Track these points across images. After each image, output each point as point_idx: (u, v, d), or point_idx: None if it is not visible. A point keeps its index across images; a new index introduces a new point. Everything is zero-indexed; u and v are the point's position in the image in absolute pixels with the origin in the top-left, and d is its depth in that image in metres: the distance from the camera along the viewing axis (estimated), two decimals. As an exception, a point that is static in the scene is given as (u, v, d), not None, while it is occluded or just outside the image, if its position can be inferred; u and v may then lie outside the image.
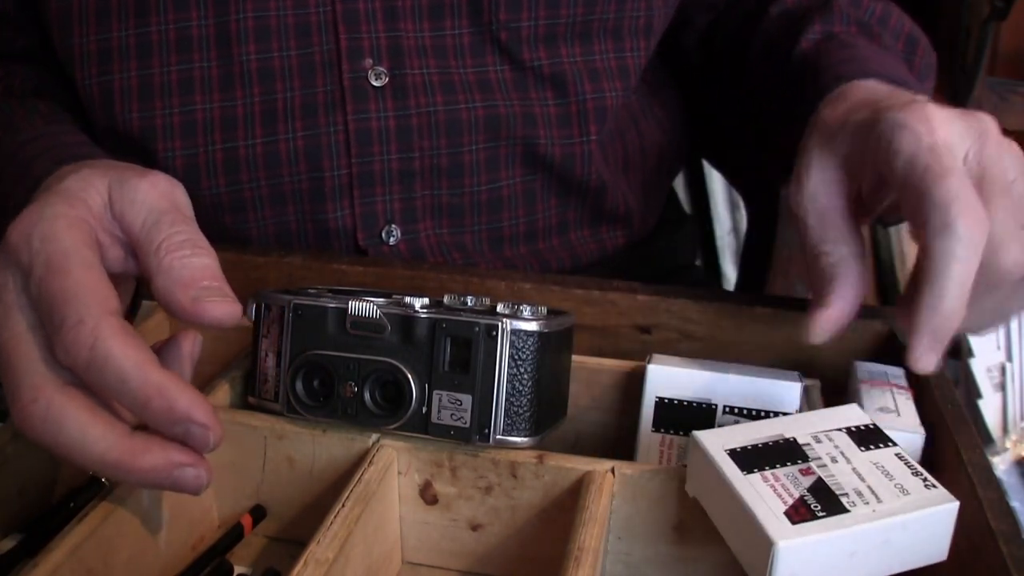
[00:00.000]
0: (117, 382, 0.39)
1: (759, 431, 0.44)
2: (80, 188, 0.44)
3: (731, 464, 0.42)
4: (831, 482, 0.41)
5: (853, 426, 0.45)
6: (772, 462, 0.42)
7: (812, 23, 0.66)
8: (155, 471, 0.40)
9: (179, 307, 0.41)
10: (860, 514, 0.40)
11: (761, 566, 0.39)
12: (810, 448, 0.43)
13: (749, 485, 0.41)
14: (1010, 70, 2.09)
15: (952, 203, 0.42)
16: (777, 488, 0.41)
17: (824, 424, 0.45)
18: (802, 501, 0.40)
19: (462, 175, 0.67)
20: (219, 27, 0.63)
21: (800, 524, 0.39)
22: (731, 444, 0.43)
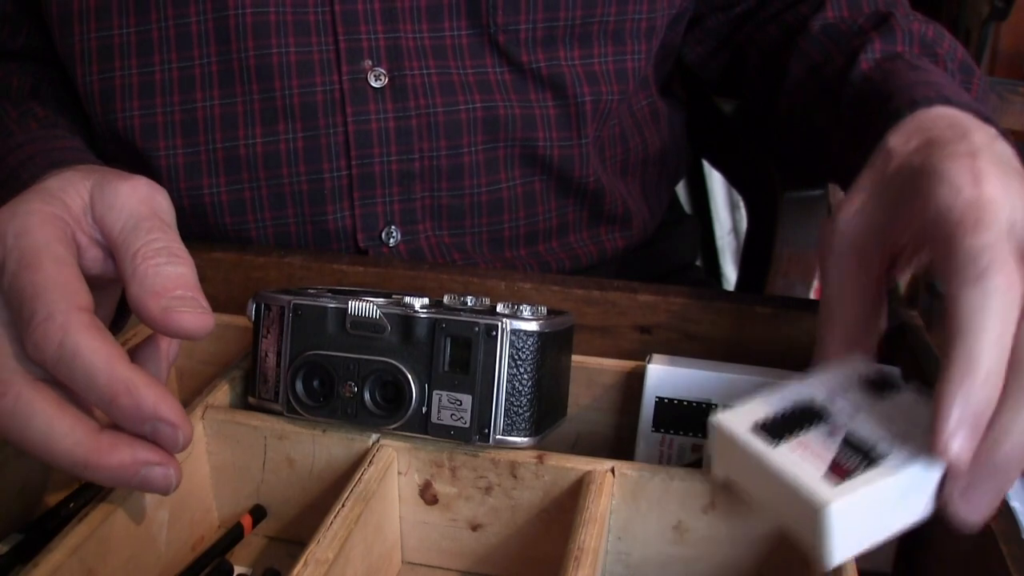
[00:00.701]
0: (85, 377, 0.39)
1: (776, 403, 0.43)
2: (59, 188, 0.44)
3: (758, 441, 0.41)
4: (859, 436, 0.40)
5: (863, 375, 0.44)
6: (799, 427, 0.41)
7: (871, 41, 0.62)
8: (123, 469, 0.40)
9: (149, 315, 0.40)
10: (897, 459, 0.39)
11: (815, 534, 0.38)
12: (829, 406, 0.42)
13: (783, 456, 0.40)
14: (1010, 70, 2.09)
15: (984, 253, 0.37)
16: (810, 453, 0.40)
17: (833, 381, 0.44)
18: (836, 462, 0.39)
19: (462, 176, 0.67)
20: (218, 23, 0.63)
21: (843, 483, 0.38)
22: (754, 419, 0.42)
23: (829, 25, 0.68)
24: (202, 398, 0.51)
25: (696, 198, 1.41)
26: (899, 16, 0.65)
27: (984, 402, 0.37)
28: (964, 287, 0.37)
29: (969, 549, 0.44)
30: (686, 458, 0.51)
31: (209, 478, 0.51)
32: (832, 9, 0.69)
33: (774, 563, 0.47)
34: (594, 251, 0.73)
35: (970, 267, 0.37)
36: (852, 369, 0.45)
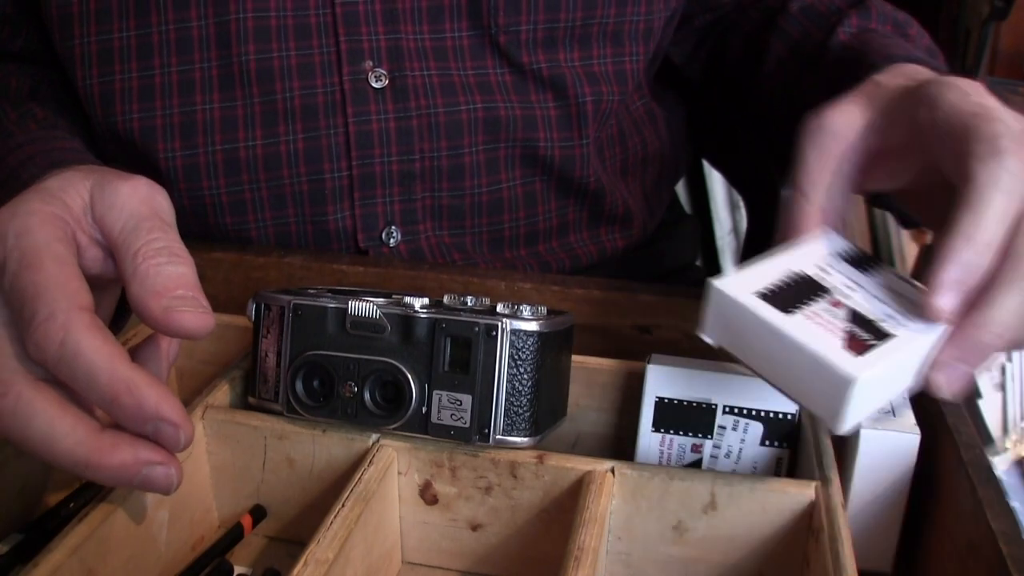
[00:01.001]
0: (86, 377, 0.39)
1: (770, 273, 0.43)
2: (60, 188, 0.44)
3: (769, 308, 0.41)
4: (863, 311, 0.42)
5: (841, 251, 0.45)
6: (802, 300, 0.42)
7: (848, 17, 0.67)
8: (124, 468, 0.40)
9: (150, 315, 0.41)
10: (904, 336, 0.41)
11: (833, 402, 0.39)
12: (824, 280, 0.43)
13: (799, 326, 0.40)
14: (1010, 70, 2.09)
15: (1002, 136, 0.40)
16: (824, 325, 0.41)
17: (816, 255, 0.45)
18: (850, 335, 0.40)
19: (462, 177, 0.67)
20: (219, 27, 0.63)
21: (864, 355, 0.40)
22: (756, 288, 0.42)
23: (808, 6, 0.71)
24: (202, 398, 0.51)
25: (696, 198, 1.41)
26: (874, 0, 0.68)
27: (978, 269, 0.40)
28: (980, 162, 0.40)
29: (969, 549, 0.44)
30: (686, 458, 0.51)
31: (209, 478, 0.51)
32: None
33: (774, 563, 0.47)
34: (594, 251, 0.73)
35: (987, 145, 0.40)
36: (827, 244, 0.46)
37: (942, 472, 0.48)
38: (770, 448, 0.51)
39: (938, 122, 0.43)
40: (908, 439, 0.48)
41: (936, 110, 0.43)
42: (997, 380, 1.02)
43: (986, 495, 0.43)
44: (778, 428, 0.50)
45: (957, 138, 0.42)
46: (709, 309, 0.43)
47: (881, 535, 0.50)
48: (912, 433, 0.48)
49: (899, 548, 0.50)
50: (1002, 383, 1.02)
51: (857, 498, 0.49)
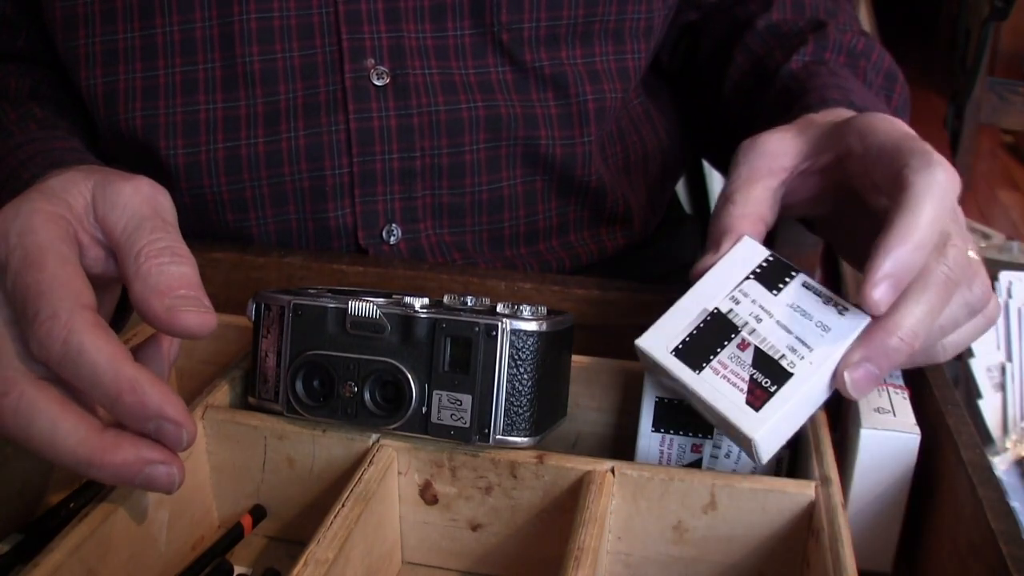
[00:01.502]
0: (90, 376, 0.39)
1: (686, 315, 0.48)
2: (62, 187, 0.44)
3: (681, 366, 0.47)
4: (767, 347, 0.46)
5: (756, 267, 0.49)
6: (713, 348, 0.47)
7: (806, 43, 0.69)
8: (127, 467, 0.40)
9: (153, 315, 0.41)
10: (803, 372, 0.45)
11: (745, 447, 0.46)
12: (734, 315, 0.47)
13: (706, 383, 0.46)
14: (1010, 70, 2.09)
15: (932, 153, 0.45)
16: (729, 376, 0.46)
17: (733, 278, 0.49)
18: (754, 382, 0.45)
19: (463, 175, 0.67)
20: (223, 28, 0.63)
21: (763, 408, 0.45)
22: (673, 342, 0.48)
23: (773, 25, 0.73)
24: (202, 398, 0.51)
25: (696, 198, 1.41)
26: (834, 26, 0.71)
27: (909, 266, 0.44)
28: (916, 173, 0.44)
29: (969, 549, 0.44)
30: (686, 458, 0.51)
31: (209, 478, 0.51)
32: (778, 11, 0.73)
33: (774, 563, 0.47)
34: (594, 250, 0.73)
35: (921, 159, 0.45)
36: (741, 262, 0.49)
37: (942, 472, 0.48)
38: (770, 448, 0.51)
39: (872, 145, 0.48)
40: (908, 439, 0.48)
41: (870, 136, 0.48)
42: (997, 380, 1.02)
43: (986, 495, 0.43)
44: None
45: (892, 156, 0.46)
46: (644, 362, 0.49)
47: (881, 535, 0.50)
48: (912, 433, 0.48)
49: (899, 548, 0.50)
50: (1002, 383, 1.02)
51: (857, 498, 0.49)
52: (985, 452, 0.47)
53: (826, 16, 0.73)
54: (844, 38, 0.70)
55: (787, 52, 0.69)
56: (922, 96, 2.75)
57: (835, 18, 0.73)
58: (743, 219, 0.51)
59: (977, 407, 0.97)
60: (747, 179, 0.52)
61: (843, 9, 0.75)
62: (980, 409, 0.98)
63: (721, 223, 0.51)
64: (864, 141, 0.48)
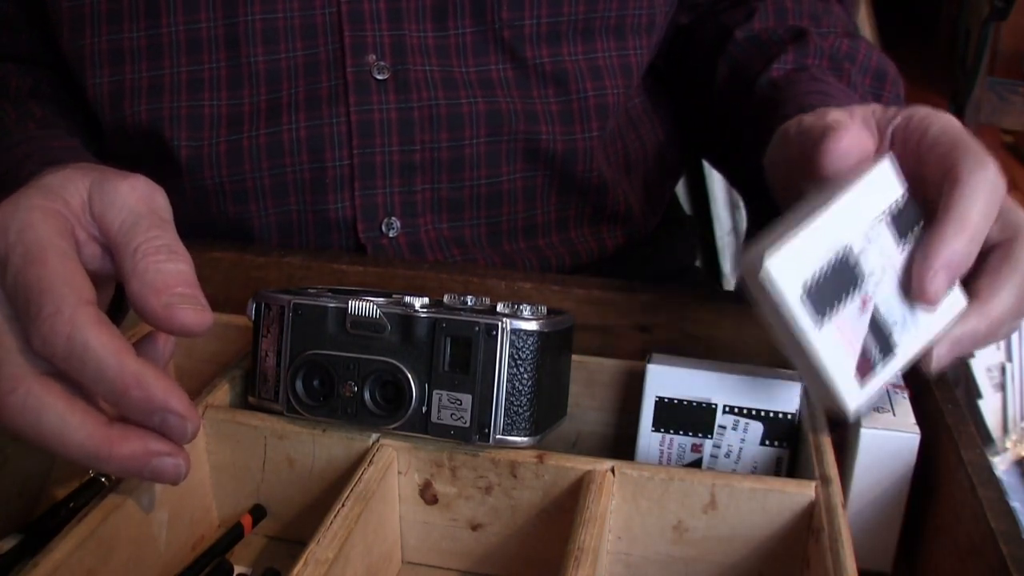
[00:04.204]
0: (95, 371, 0.39)
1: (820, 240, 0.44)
2: (59, 184, 0.44)
3: (806, 315, 0.43)
4: (883, 313, 0.45)
5: (893, 204, 0.46)
6: (838, 297, 0.44)
7: (786, 52, 0.69)
8: (134, 459, 0.40)
9: (151, 312, 0.41)
10: (903, 350, 0.46)
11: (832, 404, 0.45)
12: (864, 260, 0.45)
13: (825, 342, 0.44)
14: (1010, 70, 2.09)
15: (985, 153, 0.46)
16: (846, 338, 0.44)
17: (870, 208, 0.46)
18: (864, 350, 0.45)
19: (462, 169, 0.67)
20: (228, 28, 0.63)
21: (866, 383, 0.45)
22: (805, 276, 0.43)
23: (753, 35, 0.73)
24: (202, 398, 0.51)
25: (696, 199, 1.41)
26: (815, 32, 0.71)
27: (964, 257, 0.44)
28: (972, 170, 0.45)
29: (969, 549, 0.44)
30: (686, 458, 0.51)
31: (209, 478, 0.51)
32: (759, 20, 0.73)
33: (774, 563, 0.47)
34: (594, 247, 0.73)
35: (975, 158, 0.45)
36: (880, 190, 0.46)
37: (942, 472, 0.48)
38: (770, 448, 0.51)
39: (930, 136, 0.48)
40: (908, 439, 0.48)
41: (933, 126, 0.48)
42: (997, 380, 1.02)
43: (986, 495, 0.43)
44: (778, 428, 0.50)
45: (948, 149, 0.47)
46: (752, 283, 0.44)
47: (881, 535, 0.50)
48: (912, 433, 0.48)
49: (899, 548, 0.50)
50: (1002, 383, 1.02)
51: (857, 498, 0.49)
52: (985, 452, 0.47)
53: (810, 21, 0.73)
54: (826, 43, 0.70)
55: (766, 61, 0.69)
56: (922, 96, 2.75)
57: (819, 22, 0.73)
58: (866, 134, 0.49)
59: (977, 407, 0.97)
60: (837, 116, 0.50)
61: (831, 11, 0.75)
62: (980, 409, 0.98)
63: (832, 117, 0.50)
64: (925, 125, 0.48)
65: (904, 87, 0.72)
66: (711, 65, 0.74)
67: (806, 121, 0.52)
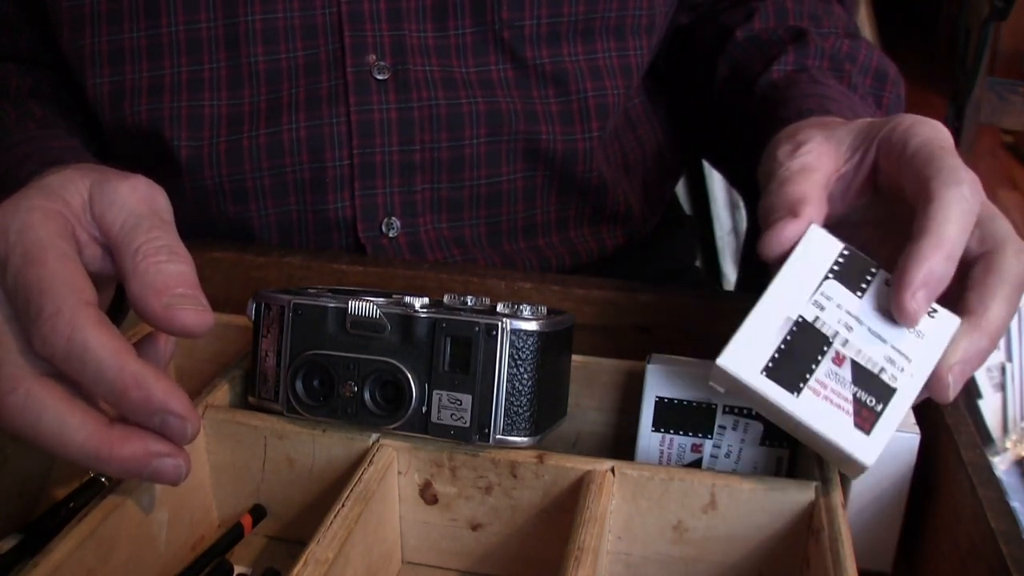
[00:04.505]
0: (95, 372, 0.39)
1: (769, 325, 0.45)
2: (59, 185, 0.44)
3: (777, 389, 0.44)
4: (864, 361, 0.44)
5: (834, 263, 0.46)
6: (807, 365, 0.44)
7: (786, 52, 0.68)
8: (134, 460, 0.40)
9: (151, 313, 0.41)
10: (906, 386, 0.44)
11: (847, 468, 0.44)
12: (822, 323, 0.45)
13: (808, 407, 0.43)
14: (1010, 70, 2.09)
15: (963, 170, 0.45)
16: (831, 398, 0.43)
17: (811, 277, 0.46)
18: (858, 402, 0.43)
19: (462, 168, 0.67)
20: (228, 28, 0.64)
21: (873, 432, 0.43)
22: (762, 360, 0.44)
23: (754, 35, 0.73)
24: (202, 398, 0.51)
25: (696, 199, 1.41)
26: (816, 32, 0.70)
27: (942, 275, 0.43)
28: (946, 186, 0.44)
29: (969, 549, 0.44)
30: (686, 458, 0.51)
31: (209, 478, 0.51)
32: (759, 20, 0.73)
33: (774, 563, 0.47)
34: (594, 247, 0.74)
35: (951, 173, 0.44)
36: (815, 256, 0.46)
37: (942, 472, 0.48)
38: (770, 448, 0.51)
39: (911, 146, 0.47)
40: (908, 439, 0.48)
41: (915, 136, 0.47)
42: (997, 380, 1.02)
43: (986, 495, 0.43)
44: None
45: (924, 162, 0.46)
46: (718, 379, 0.46)
47: (881, 535, 0.50)
48: (912, 433, 0.48)
49: (899, 548, 0.50)
50: (1002, 383, 1.02)
51: (857, 498, 0.49)
52: (985, 452, 0.47)
53: (810, 21, 0.73)
54: (826, 43, 0.69)
55: (766, 62, 0.69)
56: (922, 96, 2.75)
57: (819, 23, 0.73)
58: (817, 187, 0.49)
59: (977, 407, 0.97)
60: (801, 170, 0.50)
61: (831, 11, 0.75)
62: (980, 409, 0.98)
63: (794, 190, 0.48)
64: (906, 139, 0.48)
65: (904, 87, 0.72)
66: (711, 65, 0.74)
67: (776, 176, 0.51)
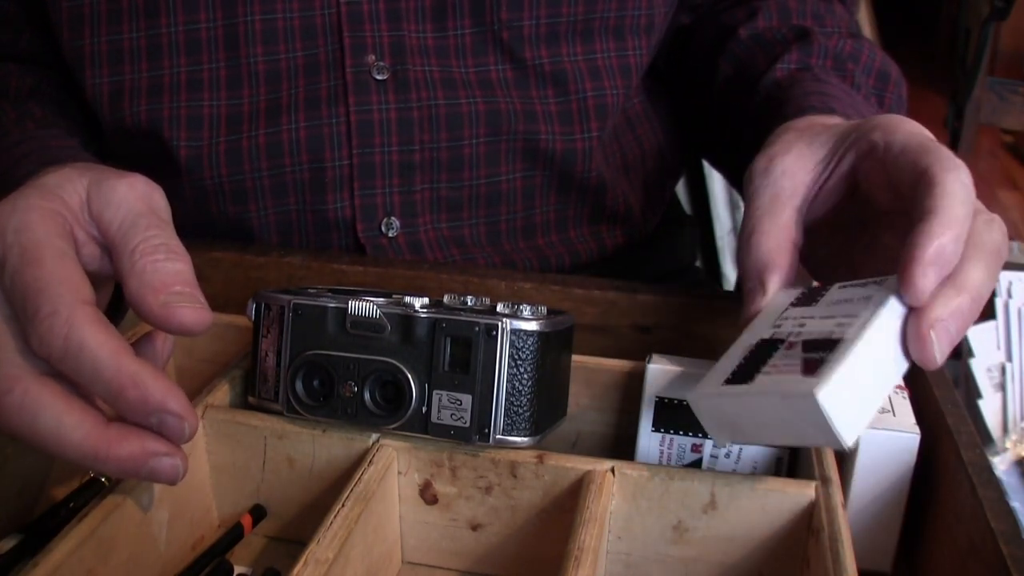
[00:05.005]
0: (91, 371, 0.39)
1: (734, 357, 0.46)
2: (57, 184, 0.44)
3: (734, 387, 0.44)
4: (814, 337, 0.43)
5: (795, 299, 0.48)
6: (762, 361, 0.44)
7: (789, 51, 0.69)
8: (132, 460, 0.40)
9: (149, 311, 0.41)
10: (851, 336, 0.42)
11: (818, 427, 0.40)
12: (779, 333, 0.45)
13: (761, 385, 0.43)
14: (1010, 70, 2.09)
15: (953, 157, 0.46)
16: (782, 369, 0.43)
17: (773, 314, 0.47)
18: (806, 361, 0.42)
19: (461, 168, 0.67)
20: (227, 29, 0.64)
21: (817, 372, 0.41)
22: (722, 377, 0.45)
23: (757, 33, 0.73)
24: (202, 398, 0.51)
25: (696, 198, 1.41)
26: (819, 31, 0.70)
27: (952, 254, 0.43)
28: (945, 171, 0.44)
29: (969, 549, 0.44)
30: (686, 458, 0.51)
31: (209, 478, 0.51)
32: (763, 19, 0.73)
33: (774, 563, 0.47)
34: (594, 247, 0.74)
35: (947, 160, 0.45)
36: (778, 302, 0.48)
37: (942, 472, 0.48)
38: (770, 448, 0.51)
39: (896, 143, 0.48)
40: (908, 439, 0.48)
41: (896, 132, 0.48)
42: (997, 380, 1.02)
43: (986, 495, 0.43)
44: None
45: (917, 154, 0.46)
46: (702, 418, 0.46)
47: (881, 535, 0.50)
48: (912, 433, 0.48)
49: (899, 548, 0.50)
50: (1002, 383, 1.02)
51: (857, 498, 0.49)
52: (985, 452, 0.47)
53: (813, 20, 0.73)
54: (830, 43, 0.70)
55: (770, 60, 0.69)
56: (922, 96, 2.75)
57: (822, 22, 0.73)
58: (779, 252, 0.50)
59: (977, 407, 0.97)
60: (772, 203, 0.51)
61: (833, 11, 0.75)
62: (980, 409, 0.98)
63: (758, 259, 0.50)
64: (888, 138, 0.48)
65: (906, 88, 0.72)
66: (712, 64, 0.74)
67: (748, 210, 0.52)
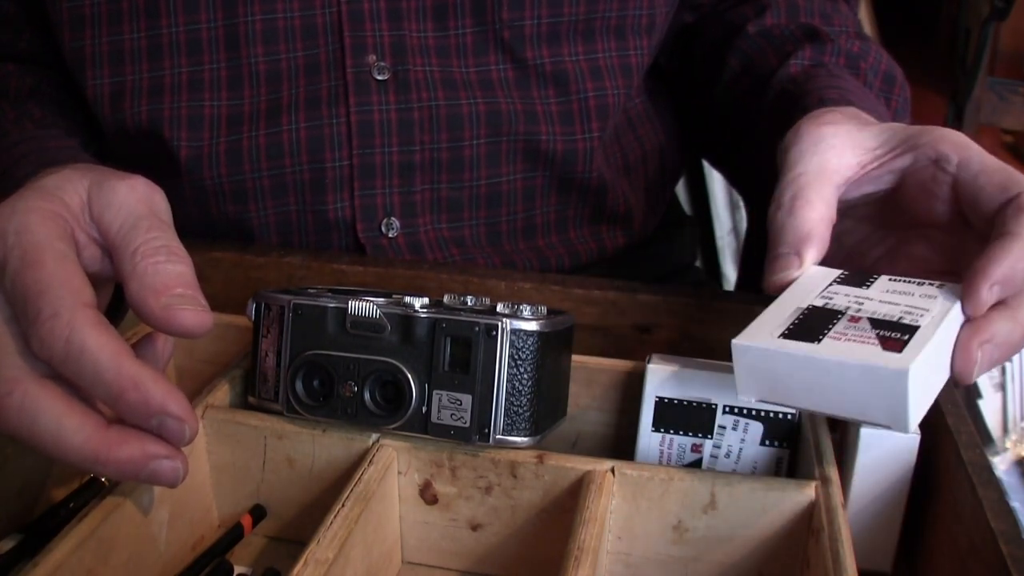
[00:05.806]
0: (92, 374, 0.39)
1: (780, 315, 0.45)
2: (57, 186, 0.44)
3: (797, 344, 0.43)
4: (880, 316, 0.44)
5: (837, 277, 0.48)
6: (823, 326, 0.43)
7: (802, 48, 0.69)
8: (132, 462, 0.40)
9: (150, 313, 0.41)
10: (928, 325, 0.43)
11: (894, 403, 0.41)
12: (833, 305, 0.45)
13: (832, 349, 0.42)
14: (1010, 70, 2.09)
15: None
16: (854, 339, 0.42)
17: (816, 286, 0.47)
18: (882, 338, 0.42)
19: (462, 169, 0.67)
20: (228, 29, 0.64)
21: (904, 350, 0.41)
22: (776, 331, 0.44)
23: (766, 30, 0.73)
24: (202, 398, 0.51)
25: (696, 199, 1.41)
26: (830, 31, 0.71)
27: (1021, 280, 0.44)
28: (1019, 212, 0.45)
29: (969, 549, 0.44)
30: (686, 458, 0.51)
31: (209, 478, 0.51)
32: (771, 16, 0.74)
33: (774, 563, 0.47)
34: (594, 248, 0.74)
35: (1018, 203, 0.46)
36: (819, 278, 0.48)
37: (942, 472, 0.48)
38: (770, 448, 0.51)
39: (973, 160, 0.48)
40: (908, 439, 0.48)
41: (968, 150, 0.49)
42: (997, 380, 1.02)
43: (986, 495, 0.43)
44: (778, 428, 0.50)
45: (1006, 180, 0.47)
46: (741, 368, 0.45)
47: (881, 535, 0.50)
48: (912, 433, 0.48)
49: (899, 548, 0.50)
50: (1002, 383, 1.02)
51: (857, 498, 0.49)
52: (985, 452, 0.47)
53: (821, 19, 0.73)
54: (840, 41, 0.70)
55: (781, 56, 0.69)
56: (922, 96, 2.75)
57: (829, 21, 0.73)
58: (822, 225, 0.49)
59: (977, 407, 0.97)
60: (819, 174, 0.50)
61: (839, 10, 0.75)
62: (980, 409, 0.98)
63: (800, 227, 0.49)
64: (963, 154, 0.49)
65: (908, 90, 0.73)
66: (719, 60, 0.74)
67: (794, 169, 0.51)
